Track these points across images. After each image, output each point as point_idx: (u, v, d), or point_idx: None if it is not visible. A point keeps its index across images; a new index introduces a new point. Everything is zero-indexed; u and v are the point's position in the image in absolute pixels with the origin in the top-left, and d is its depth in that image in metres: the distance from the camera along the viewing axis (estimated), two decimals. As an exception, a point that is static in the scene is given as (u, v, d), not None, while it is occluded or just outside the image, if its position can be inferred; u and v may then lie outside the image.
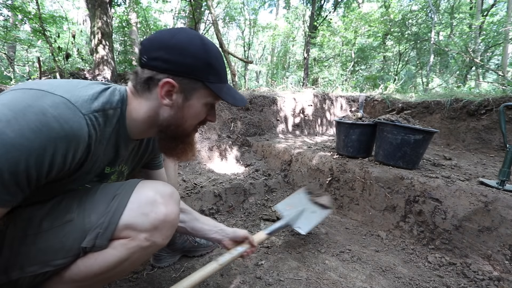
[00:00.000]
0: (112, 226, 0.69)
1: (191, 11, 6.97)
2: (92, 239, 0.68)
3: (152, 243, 0.72)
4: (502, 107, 1.57)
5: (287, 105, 3.45)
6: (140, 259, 0.75)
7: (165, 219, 0.72)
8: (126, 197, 0.72)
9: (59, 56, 3.37)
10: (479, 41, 8.92)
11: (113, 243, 0.70)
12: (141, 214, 0.70)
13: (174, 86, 0.68)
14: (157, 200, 0.72)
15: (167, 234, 0.75)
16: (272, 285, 1.17)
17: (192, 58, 0.68)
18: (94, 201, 0.72)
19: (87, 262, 0.70)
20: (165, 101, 0.70)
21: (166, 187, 0.76)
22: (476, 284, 1.25)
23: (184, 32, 0.70)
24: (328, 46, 10.66)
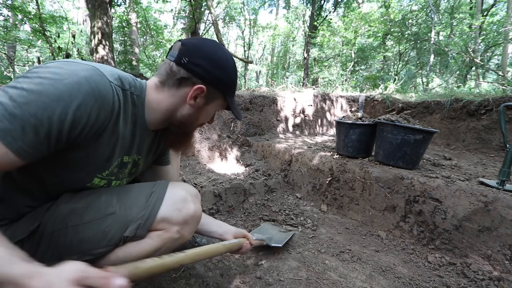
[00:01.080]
0: (151, 218, 0.79)
1: (191, 11, 6.97)
2: (134, 229, 0.77)
3: (181, 236, 0.84)
4: (502, 107, 1.57)
5: (287, 105, 3.45)
6: (169, 249, 0.84)
7: (194, 215, 0.85)
8: (163, 194, 0.82)
9: (59, 56, 3.37)
10: (479, 41, 8.92)
11: (150, 234, 0.80)
12: (176, 210, 0.81)
13: (203, 91, 0.77)
14: (188, 198, 0.84)
15: (193, 229, 0.87)
16: (272, 285, 1.17)
17: (226, 76, 0.80)
18: (133, 197, 0.81)
19: (126, 250, 0.79)
20: (191, 102, 0.78)
21: (193, 188, 0.89)
22: (476, 284, 1.25)
23: (222, 50, 0.82)
24: (328, 46, 10.66)
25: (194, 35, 8.55)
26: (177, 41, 0.78)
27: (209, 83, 0.77)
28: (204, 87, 0.76)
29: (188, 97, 0.77)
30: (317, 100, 3.80)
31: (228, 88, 0.82)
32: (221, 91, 0.81)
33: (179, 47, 0.76)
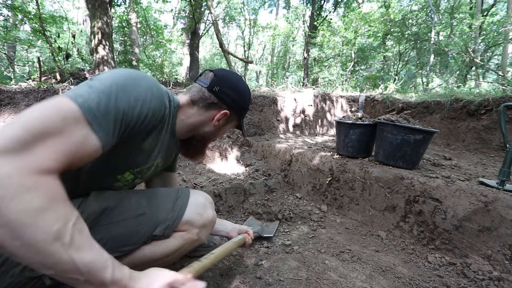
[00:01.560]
0: (178, 220, 0.89)
1: (191, 11, 6.96)
2: (163, 229, 0.87)
3: (199, 237, 0.94)
4: (502, 107, 1.57)
5: (287, 105, 3.45)
6: (187, 250, 0.95)
7: (212, 219, 0.97)
8: (187, 199, 0.93)
9: (59, 56, 3.37)
10: (479, 41, 8.91)
11: (174, 234, 0.90)
12: (197, 214, 0.92)
13: (226, 115, 0.96)
14: (208, 205, 0.97)
15: (209, 232, 0.99)
16: (272, 285, 1.18)
17: (245, 104, 1.01)
18: (160, 200, 0.91)
19: (152, 248, 0.87)
20: (216, 123, 0.96)
21: (209, 196, 1.00)
22: (476, 284, 1.25)
23: (243, 81, 1.01)
24: (328, 46, 10.65)
25: (194, 35, 8.55)
26: (209, 71, 0.96)
27: (232, 109, 0.96)
28: (228, 112, 0.95)
29: (214, 118, 0.94)
30: (317, 100, 3.80)
31: (243, 113, 1.02)
32: (238, 115, 1.01)
33: (212, 77, 0.93)
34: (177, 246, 0.91)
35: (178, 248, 0.91)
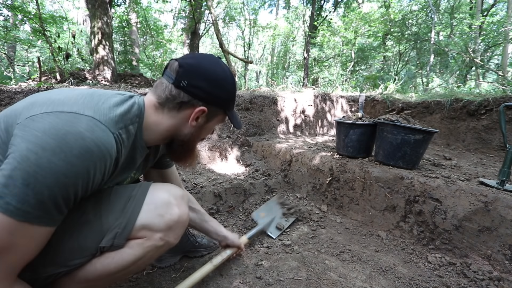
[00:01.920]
0: (129, 226, 0.73)
1: (191, 11, 6.96)
2: (111, 239, 0.72)
3: (165, 242, 0.77)
4: (502, 107, 1.56)
5: (287, 105, 3.45)
6: (153, 257, 0.80)
7: (179, 219, 0.78)
8: (142, 199, 0.76)
9: (59, 56, 3.37)
10: (479, 41, 8.91)
11: (129, 242, 0.74)
12: (157, 215, 0.75)
13: (204, 112, 0.78)
14: (171, 201, 0.77)
15: (179, 234, 0.80)
16: (272, 285, 1.17)
17: (225, 93, 0.80)
18: (110, 203, 0.75)
19: (104, 261, 0.73)
20: (193, 123, 0.79)
21: (177, 189, 0.82)
22: (476, 284, 1.25)
23: (220, 66, 0.79)
24: (328, 46, 10.66)
25: (194, 35, 8.55)
26: (173, 60, 0.76)
27: (210, 103, 0.78)
28: (206, 108, 0.77)
29: (190, 119, 0.78)
30: (317, 100, 3.80)
31: (228, 103, 0.83)
32: (221, 108, 0.82)
33: (176, 69, 0.73)
34: (135, 257, 0.74)
35: (137, 258, 0.75)
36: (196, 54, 0.82)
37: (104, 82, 3.54)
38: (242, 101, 3.01)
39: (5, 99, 1.65)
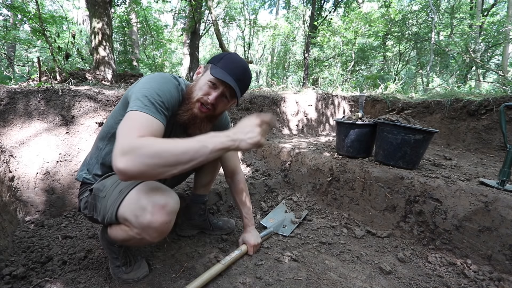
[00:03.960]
0: (113, 215, 0.93)
1: (191, 11, 6.96)
2: (108, 218, 0.95)
3: (143, 238, 0.90)
4: (503, 107, 1.56)
5: (287, 105, 3.45)
6: (141, 242, 0.95)
7: (149, 225, 0.86)
8: (124, 194, 0.92)
9: (59, 56, 3.37)
10: (480, 41, 8.91)
11: (121, 225, 0.95)
12: (133, 215, 0.88)
13: (201, 67, 1.13)
14: (147, 208, 0.86)
15: (154, 236, 0.89)
16: (272, 285, 1.17)
17: (217, 55, 1.10)
18: (114, 189, 0.97)
19: (113, 230, 1.00)
20: (194, 77, 1.11)
21: (162, 197, 0.89)
22: (477, 284, 1.24)
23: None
24: (328, 46, 10.65)
25: (194, 35, 8.55)
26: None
27: (206, 63, 1.10)
28: (201, 66, 1.13)
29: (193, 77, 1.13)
30: (317, 100, 3.80)
31: (215, 60, 1.07)
32: (210, 63, 1.08)
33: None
34: (125, 237, 0.95)
35: (127, 239, 0.95)
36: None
37: (105, 82, 3.54)
38: (242, 101, 3.00)
39: (4, 99, 1.64)
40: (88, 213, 1.07)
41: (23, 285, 1.04)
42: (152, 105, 0.89)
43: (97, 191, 1.02)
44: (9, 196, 1.46)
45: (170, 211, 0.89)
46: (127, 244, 1.10)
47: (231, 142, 0.84)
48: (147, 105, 0.88)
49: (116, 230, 0.98)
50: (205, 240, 1.51)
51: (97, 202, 1.02)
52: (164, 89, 0.95)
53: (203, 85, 1.04)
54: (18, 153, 1.61)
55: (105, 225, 1.04)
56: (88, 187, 1.09)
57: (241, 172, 1.45)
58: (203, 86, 1.04)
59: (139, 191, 0.90)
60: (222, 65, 1.04)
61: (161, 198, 0.88)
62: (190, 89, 1.07)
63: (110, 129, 1.08)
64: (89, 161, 1.14)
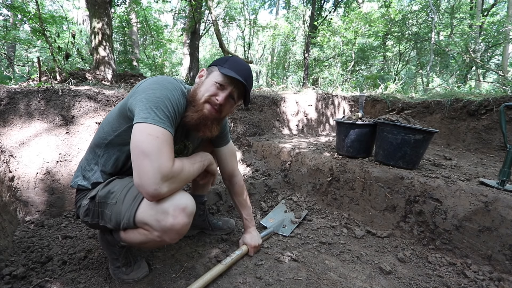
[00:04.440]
0: (131, 219, 0.94)
1: (191, 11, 6.96)
2: (125, 223, 0.96)
3: (162, 240, 0.94)
4: (503, 107, 1.56)
5: (287, 105, 3.45)
6: (159, 244, 1.00)
7: (171, 228, 0.91)
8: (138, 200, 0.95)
9: (59, 56, 3.36)
10: (480, 41, 8.90)
11: (139, 229, 0.96)
12: (155, 220, 0.91)
13: (204, 71, 1.12)
14: (169, 211, 0.90)
15: (174, 237, 0.95)
16: (272, 285, 1.17)
17: (219, 59, 1.12)
18: (126, 194, 0.98)
19: (130, 233, 1.00)
20: (197, 80, 1.11)
21: (182, 200, 0.93)
22: (477, 284, 1.24)
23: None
24: (328, 46, 10.64)
25: (194, 35, 8.54)
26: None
27: (208, 66, 1.12)
28: (204, 69, 1.13)
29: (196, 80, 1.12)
30: (317, 100, 3.79)
31: (220, 62, 1.08)
32: (214, 65, 1.09)
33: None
34: (142, 241, 0.97)
35: (144, 242, 0.98)
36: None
37: (105, 82, 3.54)
38: (242, 101, 3.00)
39: (4, 99, 1.64)
40: (91, 220, 1.04)
41: (23, 285, 1.04)
42: (168, 119, 0.91)
43: (103, 199, 1.01)
44: (9, 196, 1.46)
45: (190, 213, 0.94)
46: (144, 247, 1.13)
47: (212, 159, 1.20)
48: (164, 119, 0.89)
49: (134, 234, 0.98)
50: (205, 240, 1.51)
51: (104, 209, 1.01)
52: (174, 98, 0.95)
53: (210, 87, 1.04)
54: (18, 153, 1.61)
55: (120, 230, 1.02)
56: (85, 194, 1.07)
57: (239, 174, 1.45)
58: (209, 88, 1.04)
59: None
60: (229, 66, 1.05)
61: (181, 200, 0.92)
62: (194, 92, 1.06)
63: (107, 136, 1.06)
64: (85, 167, 1.10)
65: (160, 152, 0.85)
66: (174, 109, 0.94)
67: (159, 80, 0.98)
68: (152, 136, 0.85)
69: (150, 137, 0.85)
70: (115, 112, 1.05)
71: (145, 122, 0.87)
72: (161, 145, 0.86)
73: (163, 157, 0.85)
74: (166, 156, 0.86)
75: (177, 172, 0.90)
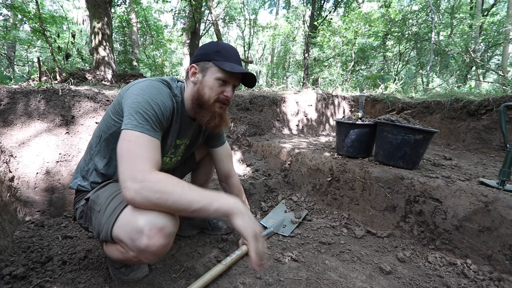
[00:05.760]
0: (109, 233, 0.88)
1: (191, 11, 6.96)
2: (103, 236, 0.91)
3: (139, 260, 0.87)
4: (503, 107, 1.56)
5: (287, 105, 3.45)
6: (138, 263, 0.97)
7: (146, 249, 0.82)
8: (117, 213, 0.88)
9: (59, 56, 3.36)
10: (480, 41, 8.91)
11: (117, 245, 0.90)
12: (129, 238, 0.83)
13: (195, 68, 1.06)
14: (144, 231, 0.80)
15: (150, 258, 0.86)
16: (272, 285, 1.17)
17: (206, 50, 1.06)
18: (108, 204, 0.93)
19: (109, 248, 0.96)
20: (192, 79, 1.06)
21: (159, 219, 0.82)
22: (477, 284, 1.24)
23: (211, 41, 1.08)
24: (328, 46, 10.65)
25: (194, 35, 8.55)
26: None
27: (197, 61, 1.06)
28: (194, 65, 1.06)
29: (190, 77, 1.07)
30: (317, 100, 3.80)
31: (212, 55, 1.03)
32: (208, 60, 1.04)
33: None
34: (121, 258, 0.92)
35: (123, 259, 0.92)
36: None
37: (105, 82, 3.54)
38: (242, 101, 3.01)
39: (4, 99, 1.64)
40: (84, 223, 1.04)
41: (23, 285, 1.04)
42: (148, 122, 0.90)
43: (92, 203, 0.99)
44: (9, 196, 1.46)
45: (168, 234, 0.83)
46: (124, 263, 1.06)
47: (237, 210, 0.85)
48: (143, 123, 0.89)
49: (112, 249, 0.94)
50: (205, 240, 1.51)
51: (92, 215, 0.99)
52: (157, 101, 0.94)
53: (213, 85, 1.04)
54: (18, 153, 1.61)
55: (101, 241, 0.99)
56: (84, 195, 1.06)
57: (235, 175, 1.43)
58: (213, 86, 1.04)
59: (134, 209, 0.84)
60: (224, 58, 1.03)
61: (158, 219, 0.82)
62: (199, 94, 1.05)
63: (102, 134, 1.07)
64: (83, 168, 1.11)
65: (132, 154, 0.84)
66: (156, 112, 0.92)
67: (144, 86, 0.97)
68: (125, 140, 0.86)
69: (124, 142, 0.86)
70: (110, 109, 1.05)
71: (125, 129, 0.88)
72: (134, 148, 0.85)
73: (137, 158, 0.84)
74: (140, 158, 0.84)
75: (152, 178, 0.81)
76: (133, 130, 0.87)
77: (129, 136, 0.87)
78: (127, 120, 0.89)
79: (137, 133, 0.87)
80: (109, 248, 0.96)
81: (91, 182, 1.07)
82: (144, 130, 0.88)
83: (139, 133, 0.87)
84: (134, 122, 0.88)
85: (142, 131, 0.88)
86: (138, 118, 0.89)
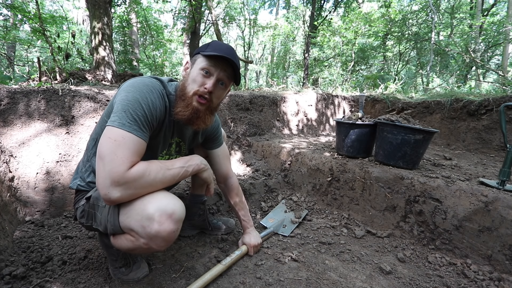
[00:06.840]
0: (116, 224, 0.92)
1: (191, 11, 6.96)
2: (111, 228, 0.94)
3: (150, 247, 0.89)
4: (503, 107, 1.56)
5: (287, 105, 3.45)
6: (147, 251, 0.94)
7: (157, 235, 0.86)
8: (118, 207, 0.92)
9: (59, 56, 3.36)
10: (480, 41, 8.91)
11: (126, 235, 0.93)
12: (140, 226, 0.86)
13: (188, 63, 1.07)
14: (154, 218, 0.85)
15: (161, 245, 0.89)
16: (272, 285, 1.17)
17: (200, 46, 1.07)
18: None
19: (118, 239, 0.97)
20: (183, 73, 1.08)
21: (169, 205, 0.88)
22: (477, 284, 1.24)
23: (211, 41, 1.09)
24: (328, 46, 10.64)
25: (194, 35, 8.55)
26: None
27: (191, 56, 1.09)
28: (188, 59, 1.08)
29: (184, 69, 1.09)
30: (317, 100, 3.80)
31: (202, 48, 1.03)
32: (197, 53, 1.04)
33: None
34: (129, 247, 0.93)
35: (131, 249, 0.93)
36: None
37: (105, 82, 3.54)
38: (242, 101, 3.00)
39: (4, 99, 1.64)
40: (86, 222, 1.03)
41: (23, 285, 1.04)
42: (135, 121, 0.87)
43: (95, 200, 0.99)
44: (9, 196, 1.46)
45: (178, 219, 0.88)
46: (133, 253, 1.09)
47: (203, 167, 1.08)
48: (130, 122, 0.86)
49: (121, 240, 0.95)
50: (205, 240, 1.51)
51: (96, 211, 0.99)
52: (147, 101, 0.91)
53: (196, 76, 0.99)
54: (18, 153, 1.61)
55: (108, 235, 1.01)
56: (84, 195, 1.06)
57: (233, 176, 1.43)
58: (196, 78, 0.99)
59: (143, 198, 0.87)
60: (212, 49, 1.00)
61: (168, 205, 0.87)
62: (183, 86, 1.01)
63: (97, 137, 1.04)
64: (81, 169, 1.10)
65: (113, 156, 0.82)
66: (146, 112, 0.90)
67: (136, 83, 0.94)
68: (110, 139, 0.84)
69: (109, 140, 0.84)
70: (105, 112, 1.05)
71: (111, 125, 0.86)
72: (117, 149, 0.82)
73: (116, 161, 0.81)
74: (119, 160, 0.82)
75: (133, 178, 0.83)
76: (120, 129, 0.84)
77: (115, 134, 0.84)
78: (115, 117, 0.86)
79: (124, 133, 0.84)
80: (117, 240, 0.96)
81: (89, 182, 1.06)
82: (132, 130, 0.85)
83: (126, 132, 0.85)
84: (122, 120, 0.85)
85: (130, 130, 0.85)
86: (126, 117, 0.86)
